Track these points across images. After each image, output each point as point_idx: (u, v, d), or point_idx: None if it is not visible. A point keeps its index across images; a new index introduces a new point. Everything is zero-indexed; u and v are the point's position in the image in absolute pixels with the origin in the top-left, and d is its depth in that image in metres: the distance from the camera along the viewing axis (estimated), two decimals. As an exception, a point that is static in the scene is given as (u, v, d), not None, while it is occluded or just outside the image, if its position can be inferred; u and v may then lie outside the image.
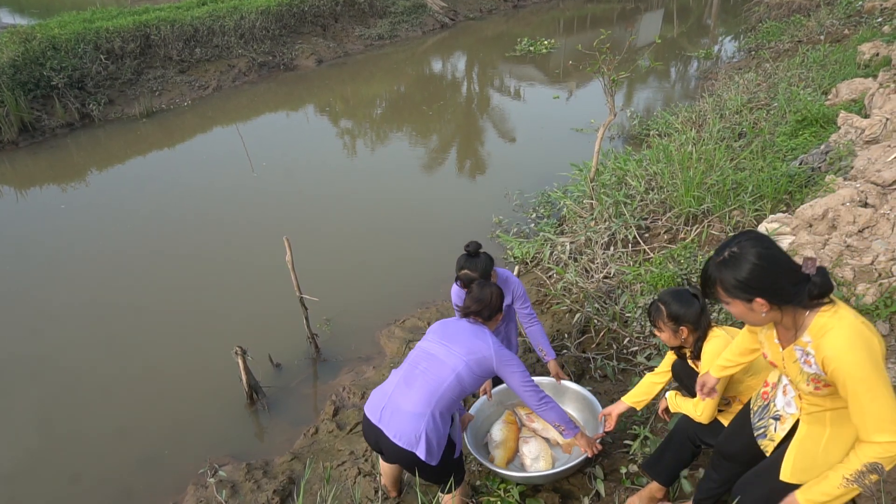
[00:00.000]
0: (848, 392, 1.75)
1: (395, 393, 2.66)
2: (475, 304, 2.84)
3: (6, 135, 9.23)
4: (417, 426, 2.55)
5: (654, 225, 5.40)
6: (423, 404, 2.58)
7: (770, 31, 12.38)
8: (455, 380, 2.64)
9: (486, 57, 15.25)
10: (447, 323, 2.88)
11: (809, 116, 6.28)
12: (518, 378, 2.77)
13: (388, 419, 2.61)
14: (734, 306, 1.85)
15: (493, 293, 2.88)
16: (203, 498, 3.75)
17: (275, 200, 7.68)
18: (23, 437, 4.36)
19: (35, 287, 5.99)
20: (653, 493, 2.90)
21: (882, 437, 1.71)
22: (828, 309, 1.79)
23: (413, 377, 2.67)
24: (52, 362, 5.03)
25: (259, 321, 5.36)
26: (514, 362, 2.76)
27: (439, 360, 2.69)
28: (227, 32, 12.66)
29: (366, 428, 2.73)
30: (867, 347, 1.73)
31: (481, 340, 2.74)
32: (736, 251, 1.78)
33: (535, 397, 2.80)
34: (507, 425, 3.45)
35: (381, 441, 2.64)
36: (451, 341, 2.74)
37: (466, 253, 3.22)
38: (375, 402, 2.69)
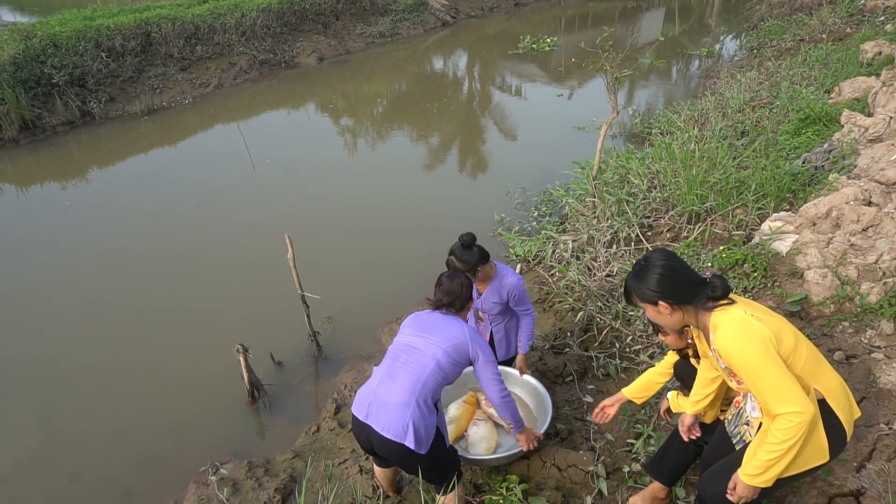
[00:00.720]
0: (744, 377, 2.00)
1: (379, 388, 2.69)
2: (446, 296, 2.91)
3: (7, 132, 9.22)
4: (404, 416, 2.57)
5: (657, 223, 5.39)
6: (407, 394, 2.62)
7: (772, 30, 12.36)
8: (436, 367, 2.68)
9: (487, 55, 15.23)
10: (420, 316, 2.92)
11: (812, 115, 6.27)
12: (488, 369, 2.82)
13: (375, 414, 2.63)
14: (647, 310, 2.18)
15: (462, 284, 2.93)
16: (204, 496, 3.74)
17: (276, 198, 7.67)
18: (24, 436, 4.35)
19: (35, 285, 5.98)
20: (655, 493, 2.89)
21: (783, 408, 1.92)
22: (722, 308, 2.05)
23: (395, 370, 2.71)
24: (53, 360, 5.02)
25: (260, 319, 5.35)
26: (487, 352, 2.82)
27: (418, 350, 2.73)
28: (228, 30, 12.64)
29: (355, 428, 2.75)
30: (752, 334, 1.96)
31: (456, 328, 2.80)
32: (644, 264, 2.14)
33: (498, 390, 2.86)
34: (464, 405, 3.55)
35: (371, 437, 2.66)
36: (427, 332, 2.80)
37: (460, 243, 3.26)
38: (361, 400, 2.72)
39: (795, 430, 1.91)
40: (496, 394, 2.86)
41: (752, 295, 3.92)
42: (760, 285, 3.94)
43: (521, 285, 3.46)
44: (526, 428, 3.09)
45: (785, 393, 1.91)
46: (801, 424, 1.90)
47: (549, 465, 3.30)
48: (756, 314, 2.02)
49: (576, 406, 3.87)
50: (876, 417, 2.81)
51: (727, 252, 4.22)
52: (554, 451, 3.37)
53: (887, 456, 2.59)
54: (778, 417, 1.93)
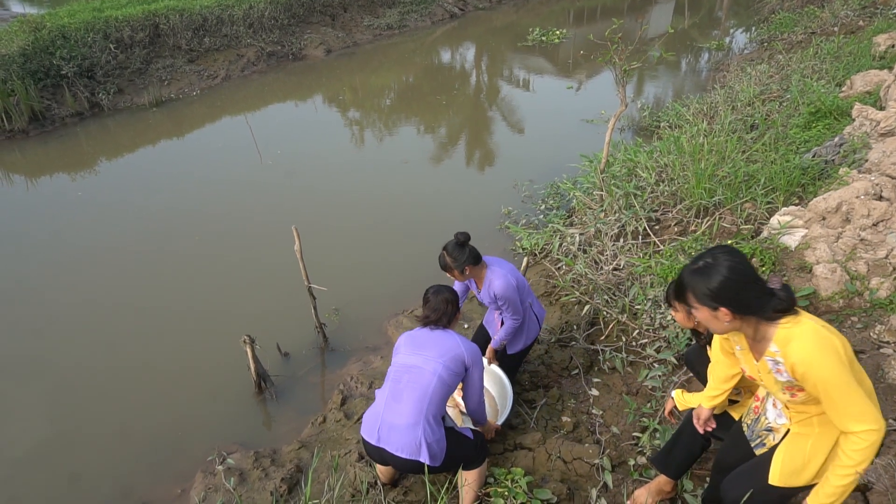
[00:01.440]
0: (820, 392, 1.88)
1: (385, 411, 2.80)
2: (433, 313, 3.00)
3: (16, 123, 9.27)
4: (415, 436, 2.70)
5: (665, 217, 5.36)
6: (414, 414, 2.73)
7: (783, 23, 12.24)
8: (438, 382, 2.79)
9: (495, 47, 15.17)
10: (412, 335, 3.01)
11: (823, 108, 6.21)
12: (476, 377, 2.97)
13: (387, 437, 2.75)
14: (701, 312, 1.99)
15: (446, 300, 3.03)
16: (211, 485, 3.77)
17: (283, 190, 7.68)
18: (33, 424, 4.39)
19: (43, 276, 6.03)
20: (661, 487, 2.89)
21: (859, 426, 1.83)
22: (789, 320, 1.92)
23: (399, 392, 2.80)
24: (63, 350, 5.07)
25: (267, 310, 5.37)
26: (480, 363, 2.97)
27: (419, 368, 2.82)
28: (236, 22, 12.63)
29: (369, 450, 2.89)
30: (831, 348, 1.85)
31: (449, 341, 2.90)
32: (710, 262, 1.92)
33: (477, 399, 3.04)
34: None
35: (385, 457, 2.80)
36: (423, 349, 2.89)
37: (455, 240, 3.35)
38: (370, 425, 2.83)
39: (871, 450, 1.84)
40: (474, 400, 3.05)
41: (760, 289, 3.90)
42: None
43: (506, 293, 3.45)
44: (486, 423, 3.31)
45: (862, 409, 1.83)
46: (876, 443, 1.83)
47: (555, 457, 3.31)
48: (824, 325, 1.93)
49: (581, 399, 3.87)
50: (884, 413, 2.79)
51: (736, 246, 4.19)
52: (559, 443, 3.38)
53: (895, 451, 2.58)
54: (851, 436, 1.85)
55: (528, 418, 3.72)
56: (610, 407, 3.72)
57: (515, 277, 3.54)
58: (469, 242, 3.38)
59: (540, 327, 3.80)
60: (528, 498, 2.99)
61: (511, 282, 3.47)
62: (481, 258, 3.46)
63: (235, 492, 3.63)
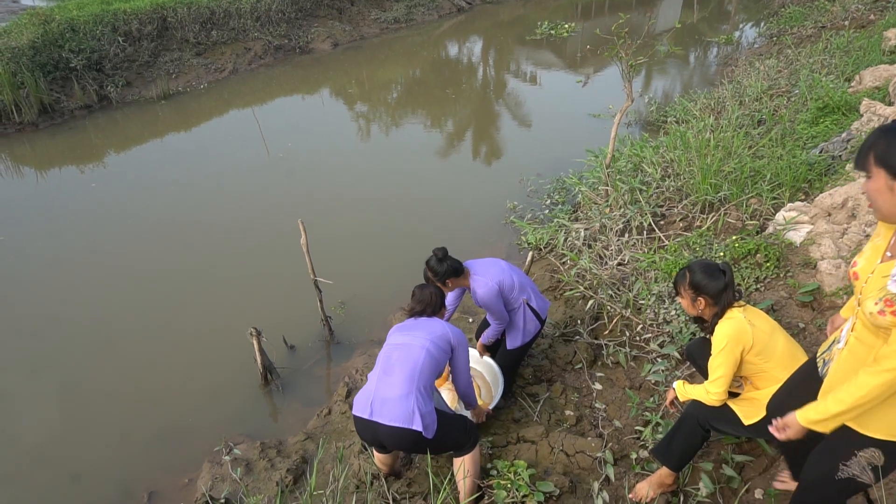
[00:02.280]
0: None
1: (378, 386, 2.89)
2: (418, 304, 3.22)
3: (26, 116, 9.33)
4: (408, 405, 2.79)
5: (670, 212, 5.36)
6: (406, 385, 2.83)
7: (793, 16, 12.16)
8: (427, 356, 2.93)
9: (502, 41, 15.12)
10: (401, 324, 3.19)
11: (831, 104, 6.18)
12: (463, 359, 3.16)
13: (380, 410, 2.82)
14: (876, 180, 1.72)
15: (432, 293, 3.25)
16: (218, 475, 3.82)
17: (290, 183, 7.72)
18: (42, 416, 4.46)
19: (49, 269, 6.09)
20: (662, 479, 2.91)
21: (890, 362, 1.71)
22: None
23: (390, 367, 2.92)
24: (72, 340, 5.13)
25: (273, 303, 5.41)
26: (465, 344, 3.15)
27: (408, 345, 2.98)
28: (244, 15, 12.65)
29: (360, 428, 2.94)
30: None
31: (436, 324, 3.11)
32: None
33: (465, 380, 3.22)
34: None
35: (379, 432, 2.84)
36: (412, 331, 3.06)
37: (434, 256, 3.53)
38: (362, 401, 2.91)
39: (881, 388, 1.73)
40: (463, 381, 3.22)
41: (765, 285, 3.91)
42: (773, 275, 3.93)
43: (487, 301, 3.55)
44: (477, 406, 3.47)
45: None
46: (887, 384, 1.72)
47: (557, 450, 3.34)
48: None
49: (585, 393, 3.89)
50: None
51: (740, 242, 4.20)
52: (562, 436, 3.40)
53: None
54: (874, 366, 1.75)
55: (532, 412, 3.75)
56: (613, 401, 3.74)
57: (499, 281, 3.57)
58: (447, 256, 3.51)
59: (543, 321, 3.81)
60: (530, 490, 3.01)
61: (493, 288, 3.54)
62: (462, 269, 3.57)
63: (242, 482, 3.68)
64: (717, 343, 2.56)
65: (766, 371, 2.57)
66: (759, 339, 2.52)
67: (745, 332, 2.51)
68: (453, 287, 3.60)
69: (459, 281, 3.58)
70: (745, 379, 2.72)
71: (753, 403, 2.64)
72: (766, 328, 2.57)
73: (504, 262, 3.73)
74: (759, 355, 2.54)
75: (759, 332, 2.53)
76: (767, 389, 2.60)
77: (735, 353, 2.52)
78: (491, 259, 3.73)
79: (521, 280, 3.71)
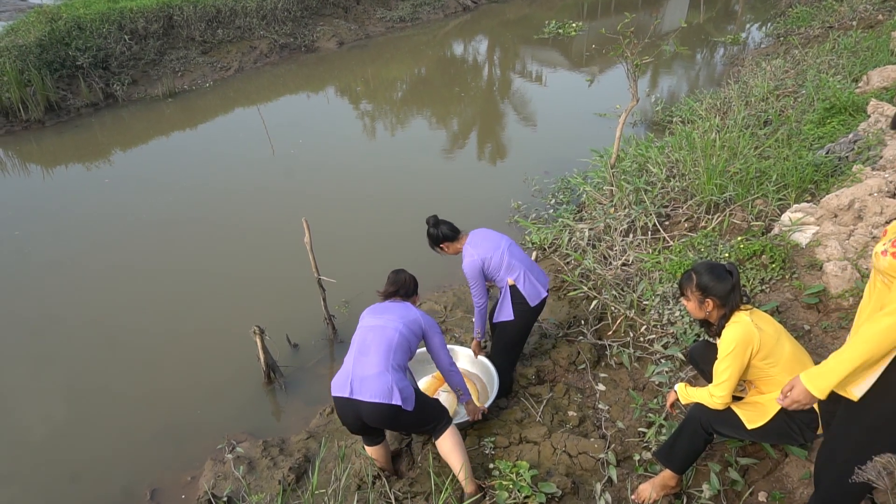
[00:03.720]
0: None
1: (355, 366, 3.02)
2: (392, 285, 3.38)
3: (33, 114, 9.37)
4: (386, 381, 2.93)
5: (675, 213, 5.34)
6: (382, 363, 2.98)
7: (800, 17, 12.09)
8: (399, 336, 3.08)
9: (507, 41, 15.10)
10: (375, 306, 3.32)
11: (838, 104, 6.14)
12: (438, 341, 3.28)
13: (359, 388, 2.94)
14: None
15: (405, 278, 3.42)
16: (220, 473, 3.83)
17: (294, 182, 7.72)
18: (45, 413, 4.47)
19: (52, 266, 6.11)
20: (666, 481, 2.90)
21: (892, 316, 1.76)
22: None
23: (366, 347, 3.06)
24: (76, 337, 5.15)
25: (277, 302, 5.42)
26: (436, 328, 3.30)
27: (381, 326, 3.12)
28: (249, 13, 12.67)
29: (340, 408, 3.04)
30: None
31: (408, 309, 3.25)
32: None
33: (447, 361, 3.32)
34: (433, 379, 4.10)
35: (360, 410, 2.95)
36: (384, 314, 3.20)
37: (428, 224, 3.76)
38: (341, 382, 3.03)
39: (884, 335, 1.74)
40: (445, 363, 3.32)
41: (770, 286, 3.88)
42: (778, 277, 3.90)
43: (468, 272, 3.67)
44: (470, 400, 3.53)
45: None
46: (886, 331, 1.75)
47: (560, 451, 3.33)
48: None
49: (588, 394, 3.88)
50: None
51: (745, 243, 4.17)
52: (565, 437, 3.39)
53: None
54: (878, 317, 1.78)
55: (534, 412, 3.73)
56: (616, 402, 3.72)
57: (484, 258, 3.64)
58: (440, 222, 3.70)
59: (538, 299, 3.78)
60: (532, 491, 3.01)
61: (476, 263, 3.64)
62: (456, 235, 3.71)
63: (244, 480, 3.68)
64: (724, 346, 2.54)
65: (771, 376, 2.55)
66: (765, 344, 2.50)
67: (752, 335, 2.49)
68: (450, 251, 3.76)
69: (454, 245, 3.73)
70: (750, 383, 2.70)
71: (757, 408, 2.62)
72: (772, 332, 2.54)
73: (505, 241, 3.78)
74: (765, 359, 2.52)
75: (766, 337, 2.51)
76: (771, 394, 2.58)
77: (743, 357, 2.50)
78: (494, 234, 3.80)
79: (514, 261, 3.71)
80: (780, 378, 2.53)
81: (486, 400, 3.81)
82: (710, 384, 2.64)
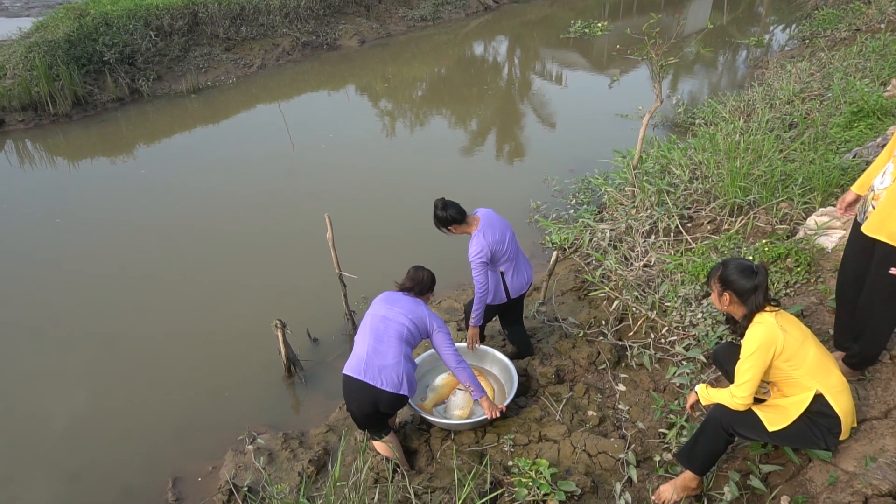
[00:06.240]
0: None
1: (369, 353, 3.24)
2: (410, 281, 3.52)
3: (60, 108, 9.54)
4: (398, 371, 3.21)
5: (698, 215, 5.30)
6: (395, 354, 3.23)
7: (826, 19, 11.91)
8: (407, 330, 3.30)
9: (528, 41, 15.07)
10: (390, 294, 3.49)
11: (866, 108, 6.06)
12: (443, 339, 3.40)
13: (374, 374, 3.19)
14: None
15: (423, 276, 3.55)
16: (241, 463, 3.88)
17: (316, 178, 7.79)
18: (71, 401, 4.56)
19: (78, 257, 6.23)
20: (687, 483, 2.88)
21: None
22: None
23: (379, 337, 3.27)
24: (101, 327, 5.24)
25: (298, 296, 5.47)
26: (443, 327, 3.42)
27: (390, 318, 3.32)
28: (273, 11, 12.78)
29: (350, 386, 3.25)
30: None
31: (418, 307, 3.41)
32: None
33: (453, 358, 3.42)
34: (449, 377, 4.03)
35: (367, 391, 3.18)
36: (394, 305, 3.38)
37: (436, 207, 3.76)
38: (354, 365, 3.26)
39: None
40: (451, 359, 3.42)
41: (795, 290, 3.85)
42: (803, 280, 3.87)
43: (472, 259, 3.72)
44: (486, 396, 3.52)
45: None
46: None
47: (580, 450, 3.33)
48: None
49: (608, 394, 3.87)
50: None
51: (770, 246, 4.14)
52: (584, 437, 3.39)
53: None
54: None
55: (554, 411, 3.73)
56: (636, 403, 3.71)
57: (492, 247, 3.70)
58: (448, 205, 3.71)
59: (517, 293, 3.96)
60: (552, 489, 3.01)
61: (485, 251, 3.67)
62: (464, 218, 3.73)
63: (265, 471, 3.73)
64: (747, 347, 2.53)
65: (794, 378, 2.53)
66: (789, 345, 2.48)
67: (776, 336, 2.47)
68: (457, 232, 3.80)
69: (463, 228, 3.77)
70: (773, 385, 2.68)
71: (779, 410, 2.60)
72: (798, 335, 2.53)
73: (509, 230, 3.87)
74: (788, 361, 2.50)
75: (791, 339, 2.49)
76: (794, 397, 2.56)
77: (765, 357, 2.49)
78: (499, 221, 3.86)
79: (511, 253, 3.84)
80: (804, 381, 2.51)
81: (505, 399, 3.79)
82: (732, 384, 2.62)
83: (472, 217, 3.80)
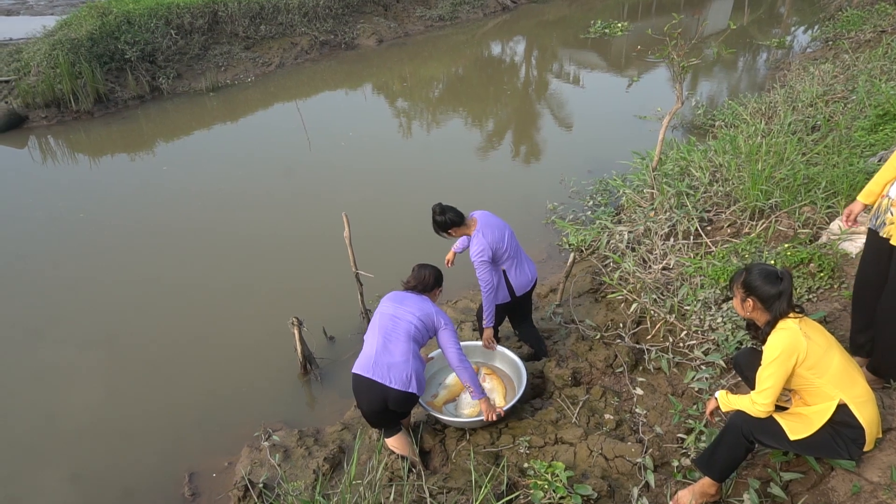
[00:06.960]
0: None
1: (378, 351, 3.28)
2: (414, 280, 3.58)
3: (83, 105, 9.67)
4: (407, 370, 3.25)
5: (718, 218, 5.24)
6: (404, 352, 3.27)
7: (850, 20, 11.73)
8: (415, 328, 3.34)
9: (546, 41, 15.01)
10: (397, 293, 3.52)
11: (892, 111, 5.95)
12: (448, 336, 3.42)
13: (382, 372, 3.23)
14: None
15: (427, 274, 3.59)
16: (257, 460, 3.90)
17: (334, 177, 7.81)
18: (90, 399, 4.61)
19: (97, 253, 6.30)
20: (705, 489, 2.85)
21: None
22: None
23: (388, 335, 3.32)
24: (122, 324, 5.30)
25: (314, 294, 5.49)
26: (449, 324, 3.45)
27: (399, 317, 3.36)
28: (292, 10, 12.86)
29: (360, 385, 3.29)
30: None
31: (424, 303, 3.46)
32: None
33: (457, 356, 3.42)
34: None
35: (375, 389, 3.22)
36: (403, 304, 3.42)
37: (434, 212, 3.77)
38: (364, 363, 3.30)
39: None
40: (455, 357, 3.42)
41: (818, 296, 3.79)
42: (826, 286, 3.80)
43: (474, 259, 3.75)
44: (485, 398, 3.53)
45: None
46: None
47: (596, 453, 3.30)
48: None
49: (625, 398, 3.84)
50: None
51: (792, 250, 4.08)
52: (601, 440, 3.36)
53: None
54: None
55: (570, 413, 3.71)
56: (654, 407, 3.67)
57: (493, 246, 3.73)
58: (446, 209, 3.75)
59: (522, 291, 3.99)
60: (567, 492, 2.99)
61: (486, 251, 3.70)
62: (462, 221, 3.76)
63: (280, 468, 3.74)
64: (769, 353, 2.48)
65: (817, 387, 2.49)
66: (813, 353, 2.44)
67: (799, 343, 2.43)
68: (456, 235, 3.86)
69: (462, 230, 3.81)
70: (795, 393, 2.64)
71: (801, 419, 2.55)
72: (822, 342, 2.48)
73: (508, 230, 3.89)
74: (811, 369, 2.45)
75: (815, 346, 2.44)
76: (817, 406, 2.52)
77: (787, 364, 2.44)
78: (497, 221, 3.87)
79: (512, 251, 3.87)
80: (827, 390, 2.47)
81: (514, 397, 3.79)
82: (753, 391, 2.58)
83: (470, 219, 3.83)
